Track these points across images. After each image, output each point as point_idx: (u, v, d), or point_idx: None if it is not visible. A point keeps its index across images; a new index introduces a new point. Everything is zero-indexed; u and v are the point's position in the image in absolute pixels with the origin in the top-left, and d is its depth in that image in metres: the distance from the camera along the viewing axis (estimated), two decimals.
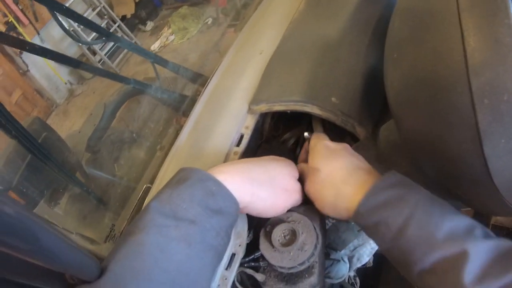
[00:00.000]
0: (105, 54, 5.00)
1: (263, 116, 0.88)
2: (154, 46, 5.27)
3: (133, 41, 5.38)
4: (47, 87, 5.14)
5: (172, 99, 1.42)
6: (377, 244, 0.61)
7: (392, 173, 0.61)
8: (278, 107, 0.76)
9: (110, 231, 1.00)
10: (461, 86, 0.45)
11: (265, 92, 0.80)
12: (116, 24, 5.16)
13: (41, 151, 1.23)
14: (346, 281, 1.05)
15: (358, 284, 1.08)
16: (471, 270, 0.48)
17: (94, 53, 4.97)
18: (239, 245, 0.67)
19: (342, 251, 0.96)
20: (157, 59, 1.59)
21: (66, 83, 5.35)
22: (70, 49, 5.17)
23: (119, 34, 5.23)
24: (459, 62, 0.45)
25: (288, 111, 0.76)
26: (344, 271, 0.95)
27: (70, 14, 1.50)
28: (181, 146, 0.89)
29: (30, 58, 4.83)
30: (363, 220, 0.60)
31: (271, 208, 0.66)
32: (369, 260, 1.03)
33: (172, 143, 1.03)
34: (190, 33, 5.27)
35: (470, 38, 0.45)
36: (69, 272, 0.43)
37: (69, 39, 4.91)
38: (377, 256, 1.07)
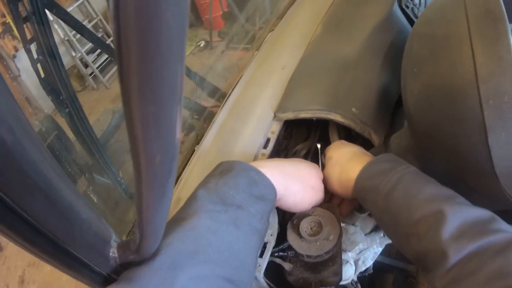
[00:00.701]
0: (97, 68, 5.01)
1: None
2: None
3: None
4: (36, 95, 5.01)
5: (190, 107, 1.49)
6: (373, 212, 0.69)
7: (389, 154, 0.71)
8: (305, 115, 0.85)
9: (132, 226, 1.04)
10: (472, 91, 0.56)
11: (291, 101, 0.89)
12: (110, 39, 5.19)
13: (91, 137, 1.25)
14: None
15: None
16: (448, 229, 0.53)
17: (86, 65, 4.97)
18: (271, 235, 0.73)
19: (350, 253, 1.02)
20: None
21: None
22: (63, 58, 5.15)
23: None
24: (470, 73, 0.56)
25: (314, 118, 0.84)
26: (350, 272, 1.01)
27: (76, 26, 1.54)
28: (206, 149, 0.96)
29: (22, 63, 4.69)
30: (360, 188, 0.69)
31: (299, 203, 0.74)
32: (370, 266, 1.09)
33: (191, 148, 1.10)
34: None
35: (479, 56, 0.56)
36: (145, 225, 0.43)
37: (64, 48, 4.87)
38: (373, 268, 1.14)
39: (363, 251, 1.05)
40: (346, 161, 0.75)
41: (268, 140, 0.87)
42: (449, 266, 0.52)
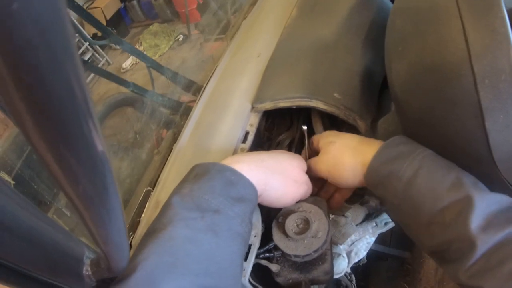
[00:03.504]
0: None
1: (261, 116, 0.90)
2: (126, 64, 5.21)
3: (104, 59, 5.34)
4: None
5: (166, 104, 1.44)
6: (389, 200, 0.63)
7: (401, 136, 0.65)
8: (284, 104, 0.79)
9: None
10: (465, 69, 0.50)
11: (269, 91, 0.83)
12: (87, 43, 5.10)
13: None
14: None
15: (354, 281, 1.10)
16: (476, 217, 0.51)
17: None
18: (255, 236, 0.68)
19: (342, 246, 0.98)
20: (153, 64, 1.61)
21: None
22: None
23: (91, 52, 5.17)
24: (462, 49, 0.51)
25: (294, 107, 0.79)
26: (343, 265, 0.97)
27: (81, 11, 1.50)
28: (183, 147, 0.90)
29: None
30: (375, 174, 0.63)
31: (282, 198, 0.69)
32: (363, 257, 1.06)
33: (169, 148, 1.04)
34: (162, 50, 5.26)
35: (470, 29, 0.50)
36: (102, 247, 0.41)
37: None
38: (367, 257, 1.10)
39: (355, 242, 1.01)
40: (358, 144, 0.69)
41: (247, 134, 0.82)
42: (476, 258, 0.49)
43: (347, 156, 0.69)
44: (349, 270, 1.07)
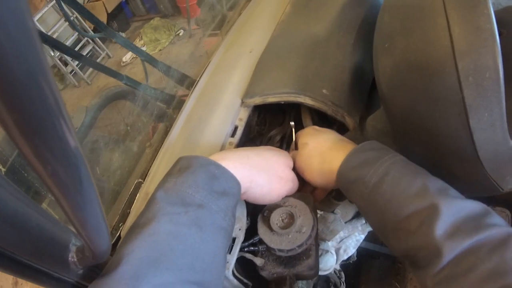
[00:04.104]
0: (77, 65, 4.91)
1: (252, 111, 0.91)
2: (126, 58, 5.21)
3: (105, 52, 5.33)
4: None
5: (160, 98, 1.44)
6: (356, 203, 0.64)
7: (372, 141, 0.66)
8: (272, 99, 0.79)
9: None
10: (449, 67, 0.50)
11: (259, 86, 0.83)
12: (86, 38, 5.09)
13: None
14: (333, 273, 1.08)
15: (343, 278, 1.10)
16: (442, 225, 0.50)
17: (65, 64, 4.86)
18: (239, 229, 0.68)
19: (330, 243, 0.98)
20: (147, 58, 1.61)
21: None
22: None
23: (91, 45, 5.16)
24: (446, 46, 0.50)
25: (282, 102, 0.79)
26: (332, 262, 0.98)
27: (74, 4, 1.50)
28: (174, 140, 0.91)
29: None
30: (344, 179, 0.64)
31: (267, 195, 0.68)
32: (353, 254, 1.06)
33: (161, 141, 1.05)
34: (162, 45, 5.25)
35: (455, 26, 0.50)
36: (81, 231, 0.41)
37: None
38: (358, 255, 1.10)
39: (344, 239, 1.01)
40: (327, 150, 0.69)
41: (236, 128, 0.82)
42: (443, 265, 0.49)
43: (315, 161, 0.70)
44: (338, 267, 1.07)
